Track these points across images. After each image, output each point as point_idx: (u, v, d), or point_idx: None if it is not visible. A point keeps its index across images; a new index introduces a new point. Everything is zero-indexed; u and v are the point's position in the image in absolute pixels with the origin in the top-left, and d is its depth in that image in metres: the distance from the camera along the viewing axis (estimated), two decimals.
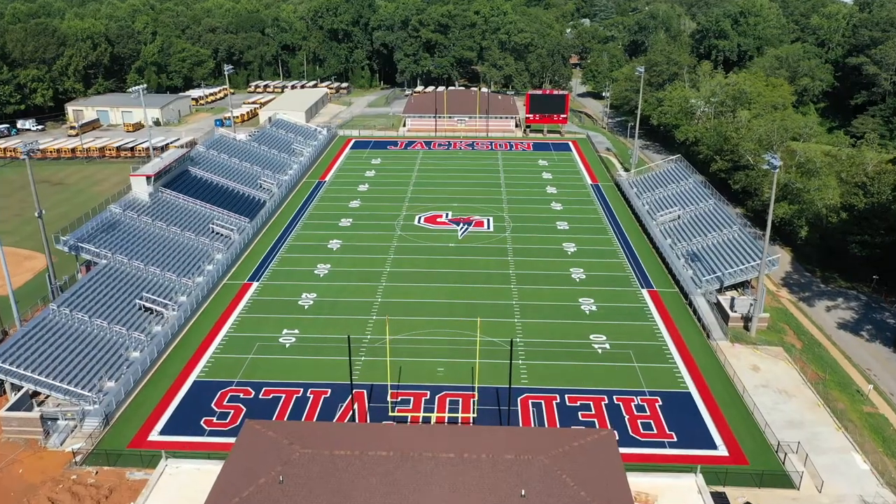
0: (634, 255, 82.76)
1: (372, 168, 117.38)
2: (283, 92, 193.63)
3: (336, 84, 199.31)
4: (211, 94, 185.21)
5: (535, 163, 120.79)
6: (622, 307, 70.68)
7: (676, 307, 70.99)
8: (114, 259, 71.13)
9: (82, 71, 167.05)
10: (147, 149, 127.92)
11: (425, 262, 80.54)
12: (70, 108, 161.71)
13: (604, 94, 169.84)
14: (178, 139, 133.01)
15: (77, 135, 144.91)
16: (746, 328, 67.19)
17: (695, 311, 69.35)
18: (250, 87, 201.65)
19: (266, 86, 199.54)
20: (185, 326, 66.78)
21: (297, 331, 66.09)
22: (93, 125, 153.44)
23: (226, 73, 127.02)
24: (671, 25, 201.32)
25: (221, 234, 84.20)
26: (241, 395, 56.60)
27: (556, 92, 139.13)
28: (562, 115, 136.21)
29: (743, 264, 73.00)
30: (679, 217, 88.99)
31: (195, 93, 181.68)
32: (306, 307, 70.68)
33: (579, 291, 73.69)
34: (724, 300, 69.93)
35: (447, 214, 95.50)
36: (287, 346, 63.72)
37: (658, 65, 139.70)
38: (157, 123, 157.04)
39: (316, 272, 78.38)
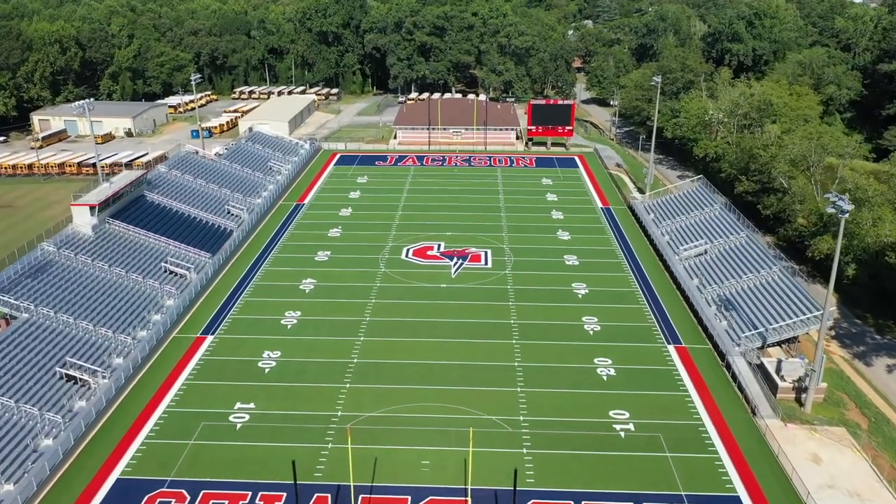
0: (656, 300, 70.95)
1: (357, 188, 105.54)
2: (268, 98, 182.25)
3: (325, 90, 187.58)
4: (191, 101, 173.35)
5: (537, 181, 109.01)
6: (646, 371, 58.88)
7: (711, 370, 59.18)
8: (37, 313, 59.33)
9: (49, 77, 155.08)
10: (112, 165, 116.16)
11: (412, 310, 68.73)
12: (35, 118, 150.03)
13: (612, 102, 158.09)
14: (147, 153, 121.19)
15: (40, 147, 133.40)
16: (798, 400, 55.45)
17: (734, 377, 57.53)
18: (235, 93, 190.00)
19: (251, 92, 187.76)
20: (117, 399, 54.92)
21: (252, 405, 54.25)
22: (58, 136, 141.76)
23: (193, 82, 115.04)
24: (680, 28, 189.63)
25: (175, 274, 72.42)
26: (174, 503, 44.79)
27: (560, 101, 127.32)
28: (567, 127, 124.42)
29: (789, 317, 61.21)
30: (706, 252, 77.23)
31: (173, 100, 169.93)
32: (267, 371, 58.86)
33: (594, 349, 61.89)
34: (769, 362, 58.19)
35: (439, 246, 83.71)
36: (238, 427, 51.87)
37: (672, 72, 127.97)
38: (129, 134, 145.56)
39: (283, 322, 66.57)
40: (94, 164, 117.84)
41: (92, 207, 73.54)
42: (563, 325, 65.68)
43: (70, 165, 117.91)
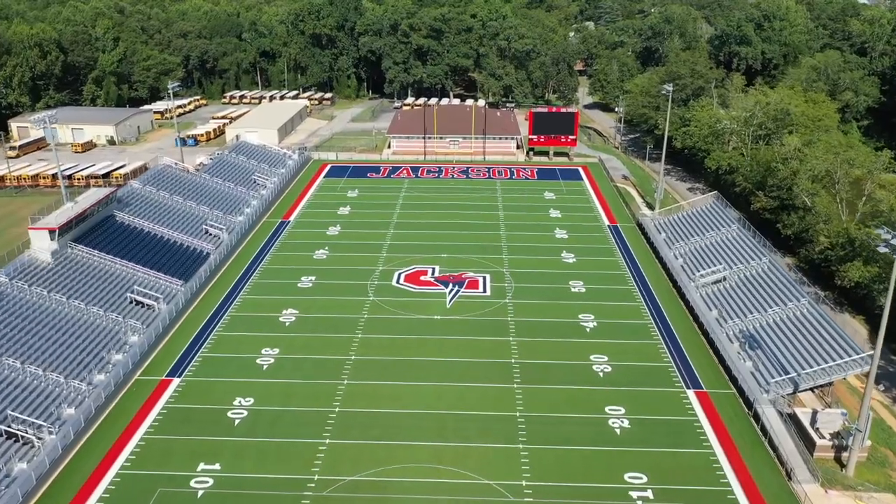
0: (672, 335, 64.30)
1: (347, 203, 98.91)
2: (259, 103, 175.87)
3: (319, 94, 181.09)
4: (179, 107, 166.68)
5: (539, 195, 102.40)
6: (664, 422, 52.29)
7: (737, 422, 52.55)
8: None
9: (29, 82, 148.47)
10: (87, 177, 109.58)
11: (402, 347, 62.12)
12: (14, 125, 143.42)
13: (616, 108, 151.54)
14: (125, 164, 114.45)
15: (16, 156, 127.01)
16: (838, 459, 48.91)
17: (763, 430, 50.96)
18: (225, 97, 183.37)
19: (242, 96, 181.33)
20: (65, 459, 48.31)
21: (217, 465, 47.63)
22: (37, 145, 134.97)
23: (170, 90, 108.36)
24: (686, 30, 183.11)
25: (143, 305, 65.82)
26: None
27: (563, 110, 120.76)
28: (570, 137, 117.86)
29: (824, 360, 54.58)
30: (725, 279, 70.65)
31: (159, 105, 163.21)
32: (237, 422, 52.24)
33: (605, 395, 55.30)
34: (804, 414, 51.66)
35: (433, 270, 77.13)
36: (200, 494, 45.26)
37: (681, 78, 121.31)
38: (111, 142, 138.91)
39: (259, 361, 59.96)
40: (70, 176, 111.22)
41: (52, 231, 66.98)
42: (569, 366, 59.09)
43: (44, 177, 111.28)
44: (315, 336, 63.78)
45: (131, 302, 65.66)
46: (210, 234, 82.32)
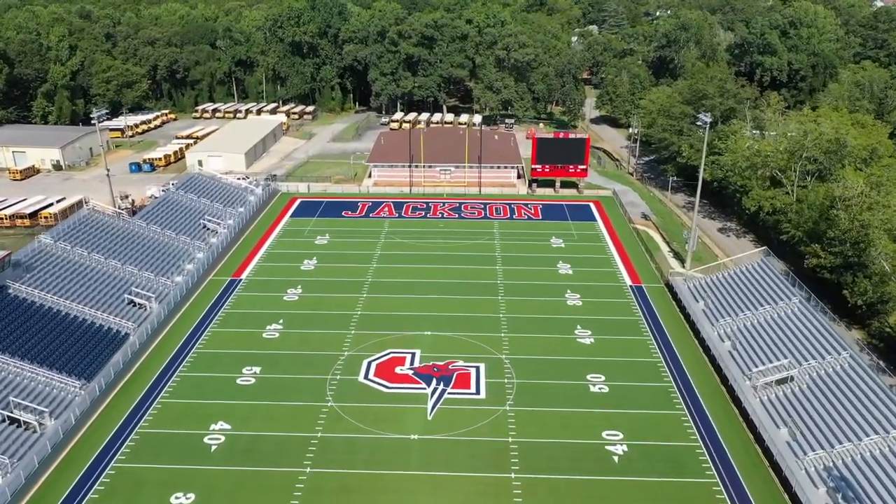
0: (730, 468, 47.52)
1: (314, 252, 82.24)
2: (234, 117, 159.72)
3: (300, 107, 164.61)
4: (143, 123, 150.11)
5: (545, 242, 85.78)
6: None
7: None
8: None
9: None
10: (13, 217, 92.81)
11: (364, 490, 45.35)
12: None
13: (630, 128, 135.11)
14: (57, 201, 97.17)
15: None
16: None
17: None
18: (197, 110, 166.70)
19: (216, 110, 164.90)
20: None
21: None
22: None
23: (95, 118, 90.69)
24: (702, 38, 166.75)
25: (18, 425, 49.11)
26: None
27: (571, 135, 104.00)
28: (580, 167, 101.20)
29: None
30: (792, 379, 54.04)
31: (118, 122, 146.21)
32: None
33: None
34: None
35: (412, 358, 60.42)
36: None
37: (708, 97, 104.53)
38: (57, 167, 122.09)
39: None
40: None
41: None
42: None
43: None
44: (247, 471, 46.99)
45: (3, 420, 48.95)
46: (134, 306, 65.58)
